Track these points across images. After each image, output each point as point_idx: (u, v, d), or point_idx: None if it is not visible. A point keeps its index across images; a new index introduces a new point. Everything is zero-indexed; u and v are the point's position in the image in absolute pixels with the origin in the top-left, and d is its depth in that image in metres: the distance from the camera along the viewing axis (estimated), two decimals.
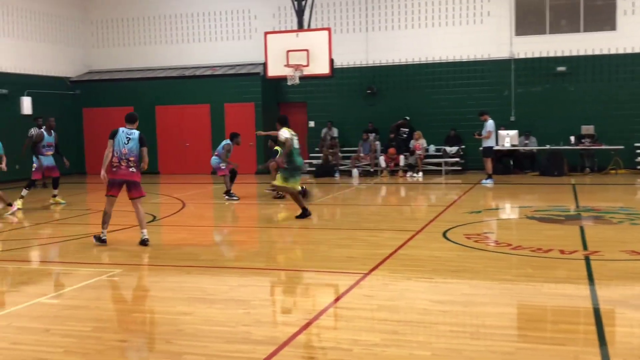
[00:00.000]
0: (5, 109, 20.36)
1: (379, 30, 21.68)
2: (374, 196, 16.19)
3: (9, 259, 8.99)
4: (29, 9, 21.74)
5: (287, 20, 22.09)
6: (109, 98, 23.00)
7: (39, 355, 5.10)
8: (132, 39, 24.00)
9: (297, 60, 17.55)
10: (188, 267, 8.21)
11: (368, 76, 21.83)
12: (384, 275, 7.45)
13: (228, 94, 22.04)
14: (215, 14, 23.05)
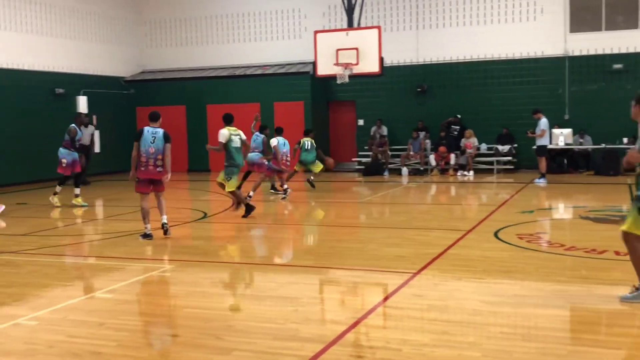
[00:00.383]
0: (62, 108, 20.90)
1: (430, 27, 21.49)
2: (423, 195, 16.07)
3: (66, 254, 9.23)
4: (85, 11, 22.28)
5: (337, 19, 22.08)
6: (161, 97, 23.39)
7: (93, 348, 5.23)
8: (184, 39, 24.35)
9: (346, 58, 17.53)
10: (237, 263, 8.30)
11: (418, 74, 21.66)
12: (433, 274, 7.38)
13: (278, 93, 22.17)
14: (265, 14, 23.21)
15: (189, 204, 14.91)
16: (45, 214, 13.54)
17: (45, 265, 8.49)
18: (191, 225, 11.57)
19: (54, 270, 8.16)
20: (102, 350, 5.16)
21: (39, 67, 20.35)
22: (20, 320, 6.00)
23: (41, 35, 20.51)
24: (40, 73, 20.32)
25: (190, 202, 15.39)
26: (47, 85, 20.51)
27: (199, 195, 16.68)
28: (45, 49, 20.60)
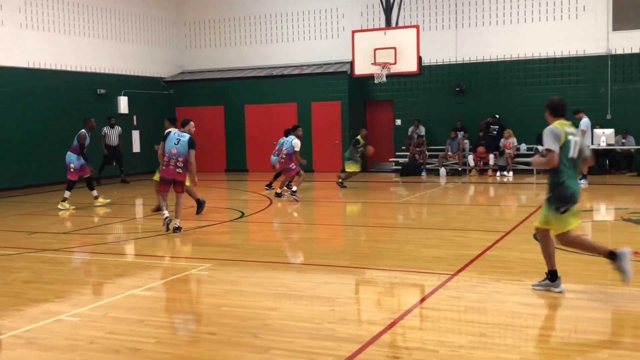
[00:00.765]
0: (103, 108, 21.27)
1: (469, 26, 21.29)
2: (461, 196, 15.93)
3: (106, 252, 9.40)
4: (127, 12, 22.63)
5: (375, 18, 22.03)
6: (200, 97, 23.65)
7: (132, 344, 5.31)
8: (223, 39, 24.56)
9: (384, 58, 17.48)
10: (274, 263, 8.34)
11: (457, 73, 21.49)
12: (471, 276, 7.32)
13: (315, 93, 22.21)
14: (303, 14, 23.27)
15: (227, 204, 15.03)
16: (87, 212, 13.80)
17: (87, 262, 8.66)
18: (229, 225, 11.67)
19: (95, 268, 8.32)
20: (141, 347, 5.24)
21: (82, 68, 20.76)
22: (63, 317, 6.13)
23: (85, 36, 20.91)
24: (83, 74, 20.73)
25: (228, 202, 15.51)
26: (90, 85, 20.91)
27: (236, 195, 16.80)
28: (88, 50, 21.00)
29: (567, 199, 6.34)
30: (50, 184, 18.98)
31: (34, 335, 5.60)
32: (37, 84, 19.06)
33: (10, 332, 5.74)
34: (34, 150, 18.87)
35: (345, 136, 21.68)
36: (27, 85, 18.75)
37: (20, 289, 7.25)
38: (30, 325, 5.87)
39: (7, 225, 12.13)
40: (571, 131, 6.49)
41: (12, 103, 18.23)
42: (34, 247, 9.72)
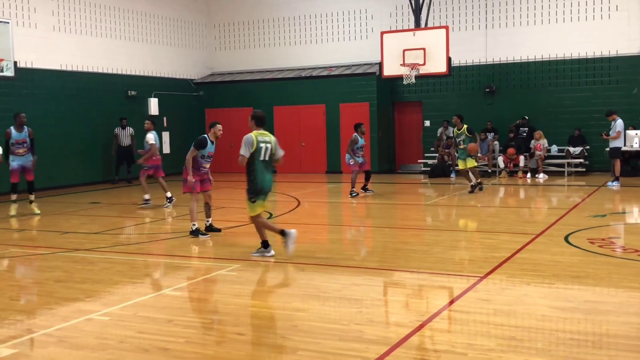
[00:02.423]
0: (134, 110, 21.52)
1: (499, 27, 21.10)
2: (491, 197, 15.79)
3: (136, 252, 9.49)
4: (157, 15, 22.86)
5: (404, 19, 21.95)
6: (229, 99, 23.79)
7: (161, 344, 5.36)
8: (252, 41, 24.68)
9: (413, 59, 17.42)
10: (302, 264, 8.35)
11: (487, 74, 21.31)
12: (501, 279, 7.25)
13: (343, 94, 22.20)
14: (332, 15, 23.28)
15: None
16: (117, 212, 13.97)
17: (117, 262, 8.76)
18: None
19: (125, 268, 8.41)
20: (170, 347, 5.28)
21: (114, 70, 21.02)
22: (93, 316, 6.21)
23: (116, 39, 21.17)
24: (114, 75, 20.99)
25: None
26: (121, 87, 21.16)
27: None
28: (120, 52, 21.25)
29: (257, 192, 8.42)
30: (81, 185, 19.27)
31: (65, 334, 5.68)
32: (69, 86, 19.34)
33: (42, 330, 5.83)
34: (65, 151, 19.16)
35: (374, 137, 21.63)
36: (59, 87, 19.04)
37: (52, 288, 7.36)
38: (62, 324, 5.95)
39: (40, 225, 12.33)
40: (264, 139, 8.39)
41: (45, 105, 18.53)
42: (65, 247, 9.87)
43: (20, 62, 16.21)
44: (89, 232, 11.54)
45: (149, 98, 22.12)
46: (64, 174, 19.08)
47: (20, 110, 17.65)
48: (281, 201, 15.44)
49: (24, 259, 9.20)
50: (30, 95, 18.13)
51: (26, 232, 11.50)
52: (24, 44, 17.27)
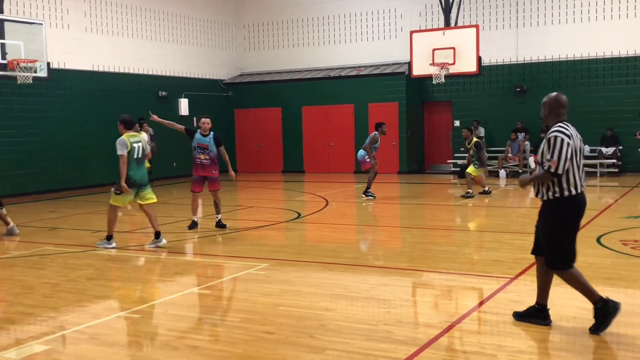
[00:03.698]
0: (165, 110, 21.68)
1: (530, 26, 20.88)
2: (522, 198, 15.62)
3: (166, 251, 9.58)
4: (187, 16, 23.05)
5: (433, 18, 21.83)
6: (258, 99, 23.89)
7: (191, 342, 5.40)
8: (281, 41, 24.75)
9: (443, 58, 17.32)
10: (330, 264, 8.35)
11: (518, 73, 21.10)
12: (532, 280, 7.14)
13: (372, 94, 22.15)
14: (361, 15, 23.24)
15: (283, 204, 15.13)
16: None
17: (148, 261, 8.85)
18: (285, 225, 11.74)
19: (155, 266, 8.49)
20: (200, 345, 5.32)
21: (145, 71, 21.24)
22: (124, 313, 6.28)
23: (147, 39, 21.39)
24: (145, 76, 21.21)
25: (284, 203, 15.62)
26: (152, 87, 21.38)
27: (293, 196, 16.89)
28: (150, 53, 21.48)
29: (130, 185, 9.37)
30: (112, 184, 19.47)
31: (97, 331, 5.75)
32: (100, 87, 19.59)
33: (74, 327, 5.92)
34: (96, 150, 19.40)
35: (403, 137, 21.56)
36: (91, 88, 19.30)
37: (84, 286, 7.46)
38: (93, 321, 6.03)
39: (73, 223, 12.51)
40: (135, 140, 9.46)
41: (77, 105, 18.79)
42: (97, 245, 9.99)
43: (53, 63, 16.46)
44: (120, 230, 11.67)
45: (179, 98, 22.32)
46: (95, 173, 19.33)
47: (52, 110, 18.02)
48: (309, 201, 15.46)
49: (56, 256, 9.34)
50: (63, 96, 18.41)
51: (59, 231, 11.68)
52: (57, 45, 17.54)
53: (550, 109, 5.50)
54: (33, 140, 17.55)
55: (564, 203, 5.31)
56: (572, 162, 5.27)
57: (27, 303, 6.75)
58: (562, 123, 5.41)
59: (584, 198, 5.38)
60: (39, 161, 17.36)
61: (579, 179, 5.33)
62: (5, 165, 16.90)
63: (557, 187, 5.30)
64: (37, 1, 17.84)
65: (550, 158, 5.23)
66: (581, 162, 5.40)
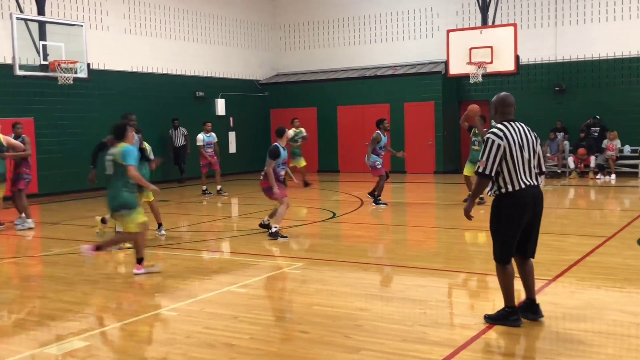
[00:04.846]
0: (202, 111, 21.93)
1: (569, 24, 20.55)
2: (560, 199, 15.40)
3: (203, 249, 9.68)
4: (223, 16, 23.23)
5: (470, 17, 21.64)
6: (294, 99, 23.96)
7: (227, 340, 5.45)
8: (317, 41, 24.78)
9: (480, 57, 17.18)
10: (365, 264, 8.34)
11: (556, 72, 20.78)
12: (570, 282, 7.06)
13: (408, 93, 22.04)
14: (397, 14, 23.14)
15: (319, 204, 15.15)
16: (185, 210, 14.27)
17: (185, 259, 8.95)
18: (320, 225, 11.76)
19: (193, 264, 8.58)
20: (236, 343, 5.37)
21: (182, 71, 21.47)
22: (162, 311, 6.37)
23: (185, 40, 21.62)
24: (182, 76, 21.44)
25: (319, 202, 15.64)
26: (189, 88, 21.59)
27: (328, 196, 16.91)
28: (188, 54, 21.69)
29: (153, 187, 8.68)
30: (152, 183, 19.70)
31: (135, 328, 5.84)
32: (139, 87, 19.86)
33: (113, 324, 6.02)
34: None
35: (439, 137, 21.41)
36: (129, 88, 19.57)
37: (122, 283, 7.58)
38: (132, 318, 6.13)
39: (111, 222, 12.70)
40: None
41: (116, 105, 19.07)
42: None
43: (92, 64, 16.75)
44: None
45: (216, 99, 22.51)
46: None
47: (92, 110, 18.33)
48: (344, 201, 15.46)
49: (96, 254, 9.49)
50: (102, 96, 18.71)
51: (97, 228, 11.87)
52: (97, 47, 17.83)
53: (496, 109, 5.75)
54: (73, 139, 17.88)
55: (502, 199, 5.50)
56: (507, 161, 5.42)
57: (67, 300, 6.88)
58: (501, 123, 5.60)
59: (527, 194, 5.48)
60: (79, 160, 17.64)
61: (521, 175, 5.46)
62: (46, 164, 17.25)
63: (496, 185, 5.51)
64: (77, 3, 18.16)
65: (480, 158, 5.49)
66: (528, 158, 5.52)
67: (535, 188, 5.56)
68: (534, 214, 5.56)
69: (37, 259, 9.33)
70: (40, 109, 17.13)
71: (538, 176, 5.65)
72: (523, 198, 5.46)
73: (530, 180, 5.52)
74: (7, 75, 15.34)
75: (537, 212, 5.60)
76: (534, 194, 5.53)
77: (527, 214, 5.50)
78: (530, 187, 5.51)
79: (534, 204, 5.53)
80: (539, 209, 5.60)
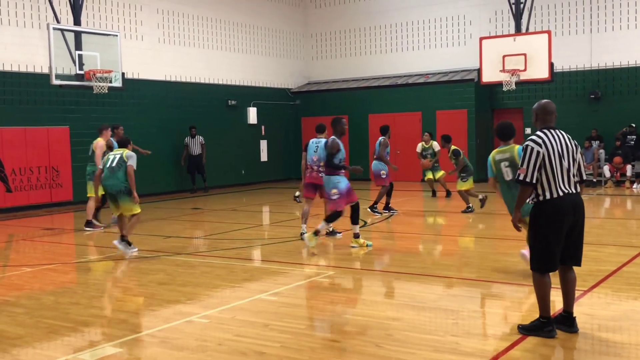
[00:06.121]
0: (234, 119, 22.10)
1: (605, 31, 20.25)
2: (596, 208, 15.14)
3: (235, 257, 9.71)
4: (256, 26, 23.40)
5: (503, 24, 21.46)
6: (325, 107, 23.98)
7: (258, 348, 5.45)
8: (348, 50, 24.80)
9: (513, 65, 17.03)
10: (397, 273, 8.28)
11: (592, 80, 20.48)
12: (606, 293, 6.93)
13: (440, 101, 21.92)
14: (429, 22, 23.07)
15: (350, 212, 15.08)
16: (217, 218, 14.35)
17: (217, 267, 8.99)
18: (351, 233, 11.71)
19: (224, 272, 8.62)
20: (267, 351, 5.36)
21: (215, 80, 21.66)
22: (193, 318, 6.40)
23: (217, 50, 21.82)
24: (215, 85, 21.62)
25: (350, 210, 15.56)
26: (221, 96, 21.77)
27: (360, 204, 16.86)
28: (221, 63, 21.89)
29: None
30: (183, 191, 19.92)
31: (167, 335, 5.88)
32: (172, 96, 20.08)
33: (145, 330, 6.07)
34: (169, 158, 19.90)
35: (471, 145, 21.23)
36: (163, 97, 19.80)
37: (155, 290, 7.65)
38: (164, 325, 6.17)
39: (145, 229, 12.83)
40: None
41: (150, 114, 19.33)
42: (168, 251, 10.23)
43: (127, 73, 16.99)
44: (191, 236, 11.93)
45: (247, 107, 22.66)
46: (167, 180, 19.82)
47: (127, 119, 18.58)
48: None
49: (128, 261, 9.61)
50: (136, 105, 18.96)
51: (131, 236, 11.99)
52: (131, 56, 18.09)
53: (537, 116, 5.69)
54: None
55: (540, 207, 5.47)
56: (545, 169, 5.39)
57: (100, 306, 6.96)
58: (541, 131, 5.54)
59: (566, 202, 5.41)
60: None
61: (559, 183, 5.42)
62: (81, 172, 17.48)
63: (534, 193, 5.49)
64: (112, 13, 18.45)
65: (521, 166, 5.47)
66: (567, 166, 5.46)
67: (574, 196, 5.48)
68: (574, 221, 5.45)
69: (71, 266, 9.46)
70: (76, 118, 17.41)
71: (578, 185, 5.55)
72: (562, 205, 5.38)
73: (569, 188, 5.44)
74: (44, 84, 15.64)
75: (578, 220, 5.48)
76: (573, 202, 5.44)
77: (566, 221, 5.40)
78: (569, 195, 5.43)
79: (574, 211, 5.43)
80: (579, 216, 5.49)
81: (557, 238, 5.42)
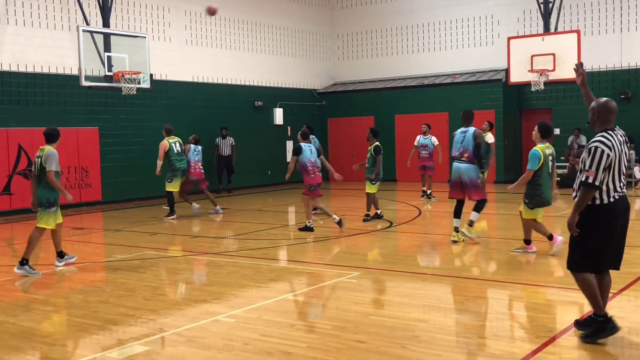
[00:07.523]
0: (260, 120, 22.18)
1: (635, 30, 19.94)
2: None
3: (261, 257, 9.75)
4: (282, 27, 23.46)
5: (532, 24, 21.25)
6: (351, 108, 23.96)
7: (284, 348, 5.46)
8: (375, 50, 24.76)
9: (542, 65, 16.86)
10: (423, 274, 8.25)
11: (622, 80, 20.19)
12: (636, 296, 6.83)
13: (468, 101, 21.72)
14: (457, 22, 22.92)
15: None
16: (243, 218, 14.42)
17: (244, 266, 9.03)
18: (377, 234, 11.70)
19: (250, 272, 8.66)
20: (293, 351, 5.38)
21: (242, 81, 21.75)
22: (220, 317, 6.44)
23: (244, 51, 21.91)
24: (242, 86, 21.71)
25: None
26: (248, 97, 21.86)
27: (385, 205, 16.82)
28: (248, 64, 21.97)
29: None
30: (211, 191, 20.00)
31: (194, 334, 5.92)
32: (200, 97, 20.21)
33: (172, 329, 6.12)
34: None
35: (499, 146, 21.04)
36: (191, 98, 19.94)
37: (182, 289, 7.71)
38: (191, 324, 6.21)
39: (172, 229, 12.95)
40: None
41: (179, 115, 19.46)
42: (195, 250, 10.31)
43: (155, 75, 17.16)
44: (217, 236, 12.00)
45: (274, 108, 22.72)
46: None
47: (155, 120, 18.75)
48: (402, 210, 15.35)
49: (157, 260, 9.70)
50: (165, 106, 19.11)
51: (159, 236, 12.11)
52: (159, 58, 18.24)
53: (599, 116, 5.36)
54: (136, 148, 18.30)
55: (595, 211, 5.27)
56: (608, 172, 5.19)
57: (128, 305, 7.03)
58: (606, 132, 5.27)
59: (618, 206, 5.28)
60: (142, 169, 18.06)
61: (616, 186, 5.25)
62: (110, 172, 17.71)
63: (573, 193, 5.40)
64: (140, 15, 18.64)
65: (589, 168, 5.17)
66: (622, 168, 5.29)
67: (625, 199, 5.35)
68: (622, 224, 5.35)
69: (100, 265, 9.57)
70: (105, 119, 17.61)
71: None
72: (616, 209, 5.26)
73: (622, 190, 5.30)
74: (73, 85, 15.85)
75: (625, 223, 5.38)
76: (624, 205, 5.32)
77: (618, 226, 5.30)
78: (622, 197, 5.30)
79: (624, 215, 5.33)
80: (627, 219, 5.39)
81: (608, 242, 5.30)
